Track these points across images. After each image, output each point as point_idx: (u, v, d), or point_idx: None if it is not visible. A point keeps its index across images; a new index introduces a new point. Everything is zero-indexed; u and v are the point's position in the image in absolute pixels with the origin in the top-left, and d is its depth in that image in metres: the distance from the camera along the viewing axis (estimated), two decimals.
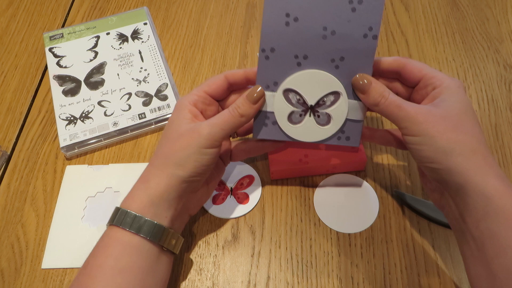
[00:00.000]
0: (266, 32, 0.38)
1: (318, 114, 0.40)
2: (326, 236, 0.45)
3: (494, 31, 0.62)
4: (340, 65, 0.38)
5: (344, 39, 0.38)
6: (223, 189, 0.48)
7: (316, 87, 0.39)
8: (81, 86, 0.56)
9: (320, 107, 0.39)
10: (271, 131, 0.41)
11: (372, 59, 0.38)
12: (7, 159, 0.52)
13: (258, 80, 0.39)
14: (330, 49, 0.38)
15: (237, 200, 0.48)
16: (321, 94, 0.39)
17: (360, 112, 0.39)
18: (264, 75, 0.39)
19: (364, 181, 0.48)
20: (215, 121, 0.38)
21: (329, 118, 0.39)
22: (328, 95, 0.39)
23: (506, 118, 0.53)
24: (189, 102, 0.40)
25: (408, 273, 0.43)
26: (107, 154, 0.52)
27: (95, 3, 0.67)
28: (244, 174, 0.49)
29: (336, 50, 0.38)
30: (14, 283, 0.43)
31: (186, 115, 0.39)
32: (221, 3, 0.67)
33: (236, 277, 0.43)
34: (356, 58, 0.38)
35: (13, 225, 0.47)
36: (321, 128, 0.40)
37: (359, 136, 0.40)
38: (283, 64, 0.38)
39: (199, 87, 0.41)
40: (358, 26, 0.37)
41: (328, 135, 0.40)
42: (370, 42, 0.38)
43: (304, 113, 0.39)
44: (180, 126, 0.38)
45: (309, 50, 0.38)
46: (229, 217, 0.47)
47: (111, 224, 0.37)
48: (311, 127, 0.40)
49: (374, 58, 0.38)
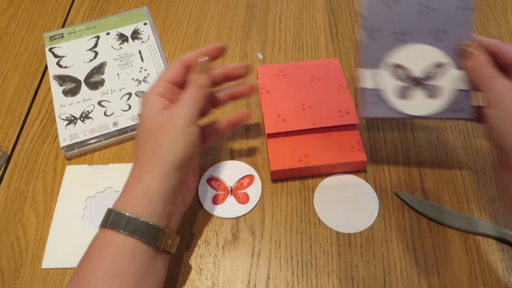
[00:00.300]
0: (369, 15, 0.42)
1: (427, 87, 0.41)
2: (326, 236, 0.45)
3: (494, 31, 0.62)
4: (442, 39, 0.41)
5: (442, 14, 0.41)
6: (223, 189, 0.48)
7: (422, 60, 0.41)
8: (81, 86, 0.56)
9: (428, 80, 0.41)
10: (380, 109, 0.41)
11: (471, 29, 0.41)
12: (7, 159, 0.52)
13: (365, 61, 0.41)
14: (431, 24, 0.41)
15: (237, 200, 0.48)
16: (428, 67, 0.41)
17: (468, 82, 0.41)
18: (370, 54, 0.41)
19: (364, 181, 0.48)
20: (184, 100, 0.40)
21: (439, 90, 0.41)
22: (436, 67, 0.41)
23: None
24: (156, 94, 0.40)
25: (408, 273, 0.43)
26: (107, 154, 0.52)
27: (95, 3, 0.67)
28: (244, 174, 0.49)
29: (436, 25, 0.41)
30: (14, 283, 0.43)
31: (157, 106, 0.39)
32: (221, 3, 0.67)
33: (236, 277, 0.43)
34: (456, 30, 0.41)
35: (13, 225, 0.47)
36: (432, 101, 0.41)
37: (471, 107, 0.41)
38: (388, 42, 0.41)
39: (160, 78, 0.42)
40: (453, 1, 0.41)
41: (442, 108, 0.41)
42: (467, 14, 0.41)
43: (414, 86, 0.41)
44: (155, 116, 0.39)
45: (411, 27, 0.41)
46: (229, 217, 0.47)
47: (104, 227, 0.36)
48: (422, 100, 0.41)
49: (496, 41, 0.39)
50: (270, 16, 0.65)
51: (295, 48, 0.61)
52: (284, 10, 0.66)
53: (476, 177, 0.49)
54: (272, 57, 0.60)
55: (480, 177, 0.49)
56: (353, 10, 0.65)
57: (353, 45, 0.61)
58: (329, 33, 0.62)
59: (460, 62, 0.41)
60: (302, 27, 0.63)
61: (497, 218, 0.46)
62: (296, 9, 0.66)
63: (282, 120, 0.49)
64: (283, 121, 0.49)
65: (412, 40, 0.41)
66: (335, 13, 0.65)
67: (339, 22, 0.64)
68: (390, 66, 0.41)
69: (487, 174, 0.49)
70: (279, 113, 0.50)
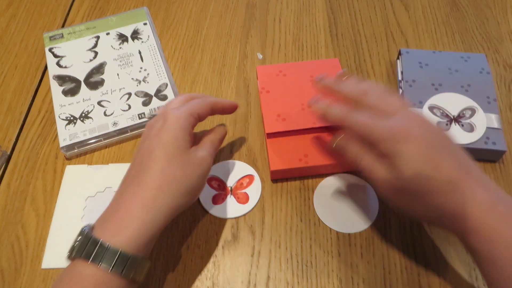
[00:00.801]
0: (407, 71, 0.54)
1: (461, 123, 0.49)
2: (326, 236, 0.45)
3: (494, 31, 0.62)
4: (468, 89, 0.52)
5: (466, 74, 0.53)
6: (223, 189, 0.48)
7: (454, 103, 0.51)
8: (81, 86, 0.56)
9: (461, 119, 0.50)
10: None
11: (492, 85, 0.52)
12: (7, 159, 0.52)
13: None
14: (458, 80, 0.52)
15: (237, 200, 0.47)
16: (459, 108, 0.50)
17: (496, 122, 0.49)
18: (409, 97, 0.52)
19: (364, 181, 0.48)
20: (211, 151, 0.42)
21: (472, 127, 0.49)
22: (466, 109, 0.50)
23: (506, 118, 0.53)
24: (190, 123, 0.40)
25: (408, 273, 0.43)
26: (107, 154, 0.52)
27: (95, 3, 0.67)
28: (244, 174, 0.49)
29: (462, 80, 0.52)
30: (14, 283, 0.43)
31: (187, 138, 0.39)
32: (221, 3, 0.67)
33: (236, 277, 0.43)
34: (479, 85, 0.52)
35: (13, 225, 0.47)
36: (467, 134, 0.49)
37: (503, 141, 0.48)
38: (424, 89, 0.52)
39: (193, 107, 0.41)
40: (473, 67, 0.53)
41: (475, 139, 0.48)
42: (486, 76, 0.53)
43: (450, 122, 0.50)
44: (186, 150, 0.39)
45: (441, 80, 0.53)
46: (229, 217, 0.47)
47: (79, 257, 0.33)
48: (458, 133, 0.49)
49: None
50: (270, 16, 0.65)
51: (295, 48, 0.61)
52: (284, 10, 0.66)
53: None
54: (272, 57, 0.60)
55: None
56: (353, 10, 0.65)
57: (353, 45, 0.61)
58: (329, 33, 0.62)
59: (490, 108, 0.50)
60: (302, 27, 0.63)
61: None
62: (296, 9, 0.66)
63: (282, 120, 0.49)
64: (283, 120, 0.49)
65: (444, 89, 0.52)
66: (335, 13, 0.65)
67: (339, 22, 0.64)
68: (428, 106, 0.51)
69: (487, 174, 0.49)
70: (279, 112, 0.50)
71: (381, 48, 0.61)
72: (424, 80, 0.53)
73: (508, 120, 0.53)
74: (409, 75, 0.53)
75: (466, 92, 0.51)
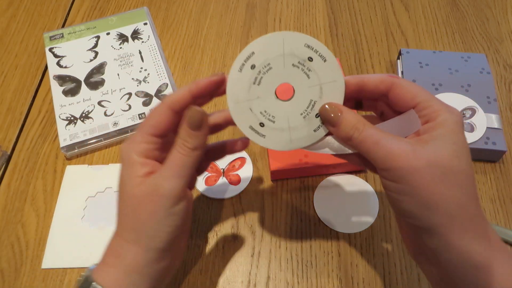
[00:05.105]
0: (407, 71, 0.54)
1: None
2: (326, 236, 0.45)
3: (494, 31, 0.62)
4: (468, 89, 0.52)
5: (466, 74, 0.53)
6: (215, 171, 0.49)
7: (454, 103, 0.47)
8: (81, 86, 0.56)
9: None
10: None
11: (492, 85, 0.52)
12: (7, 159, 0.52)
13: None
14: (458, 80, 0.53)
15: (229, 181, 0.49)
16: (460, 108, 0.50)
17: (496, 122, 0.49)
18: None
19: (364, 181, 0.48)
20: (169, 172, 0.32)
21: (472, 127, 0.49)
22: (466, 109, 0.50)
23: (506, 118, 0.53)
24: (138, 154, 0.32)
25: (408, 273, 0.43)
26: (107, 154, 0.52)
27: (95, 3, 0.67)
28: (235, 157, 0.51)
29: (462, 80, 0.53)
30: (14, 283, 0.43)
31: (137, 172, 0.32)
32: (221, 3, 0.67)
33: (236, 277, 0.43)
34: (479, 86, 0.52)
35: (13, 225, 0.47)
36: (467, 134, 0.48)
37: (503, 141, 0.48)
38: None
39: (143, 129, 0.33)
40: (473, 67, 0.54)
41: (475, 139, 0.48)
42: (487, 76, 0.53)
43: None
44: (134, 188, 0.32)
45: (442, 80, 0.53)
46: (222, 198, 0.48)
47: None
48: None
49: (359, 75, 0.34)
50: (270, 16, 0.65)
51: None
52: (284, 10, 0.66)
53: (476, 177, 0.48)
54: None
55: (480, 177, 0.49)
56: (353, 10, 0.65)
57: (353, 45, 0.61)
58: (329, 33, 0.62)
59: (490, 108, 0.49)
60: (302, 27, 0.63)
61: (497, 218, 0.46)
62: (296, 9, 0.66)
63: None
64: None
65: (444, 89, 0.52)
66: (335, 13, 0.65)
67: (339, 22, 0.64)
68: None
69: (487, 174, 0.49)
70: None
71: (381, 48, 0.61)
72: (424, 80, 0.53)
73: (508, 120, 0.53)
74: (409, 75, 0.54)
75: (466, 92, 0.52)
